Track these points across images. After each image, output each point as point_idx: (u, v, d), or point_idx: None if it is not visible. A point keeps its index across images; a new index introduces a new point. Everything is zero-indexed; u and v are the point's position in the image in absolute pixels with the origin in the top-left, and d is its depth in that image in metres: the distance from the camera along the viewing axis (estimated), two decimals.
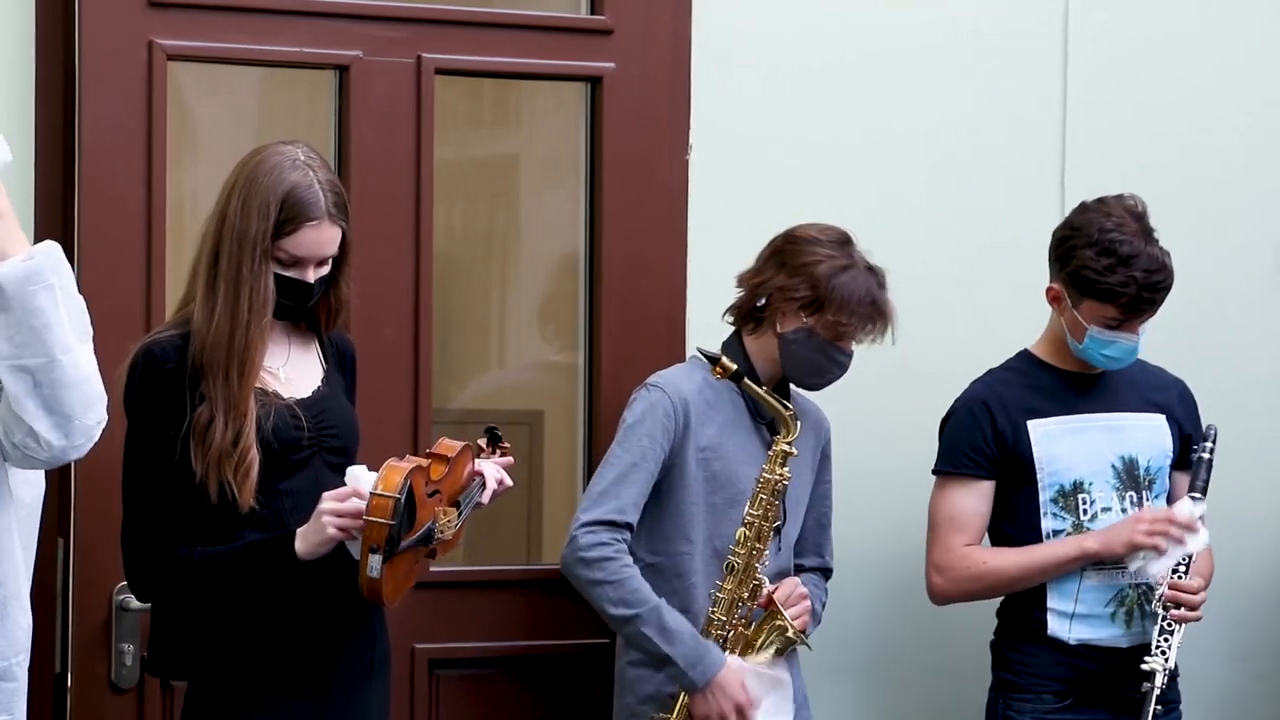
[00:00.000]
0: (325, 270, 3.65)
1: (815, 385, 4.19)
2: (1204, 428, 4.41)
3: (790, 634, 4.07)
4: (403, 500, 3.45)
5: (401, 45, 4.33)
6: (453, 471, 3.64)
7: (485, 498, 3.73)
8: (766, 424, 4.16)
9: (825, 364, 4.13)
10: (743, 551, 4.04)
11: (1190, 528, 4.23)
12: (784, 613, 4.05)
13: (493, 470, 3.75)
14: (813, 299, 4.09)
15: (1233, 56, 5.00)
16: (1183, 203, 4.53)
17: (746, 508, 4.06)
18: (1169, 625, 4.26)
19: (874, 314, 4.11)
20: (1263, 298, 5.03)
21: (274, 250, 3.57)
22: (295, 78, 4.55)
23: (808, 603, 4.14)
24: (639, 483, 4.05)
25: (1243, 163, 5.01)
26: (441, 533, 3.59)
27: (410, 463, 3.53)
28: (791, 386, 4.22)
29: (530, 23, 4.50)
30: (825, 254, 4.10)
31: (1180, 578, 4.27)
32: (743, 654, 4.05)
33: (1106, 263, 4.23)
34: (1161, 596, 4.26)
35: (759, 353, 4.16)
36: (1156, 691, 4.22)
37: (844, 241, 4.15)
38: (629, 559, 4.02)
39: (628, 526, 4.04)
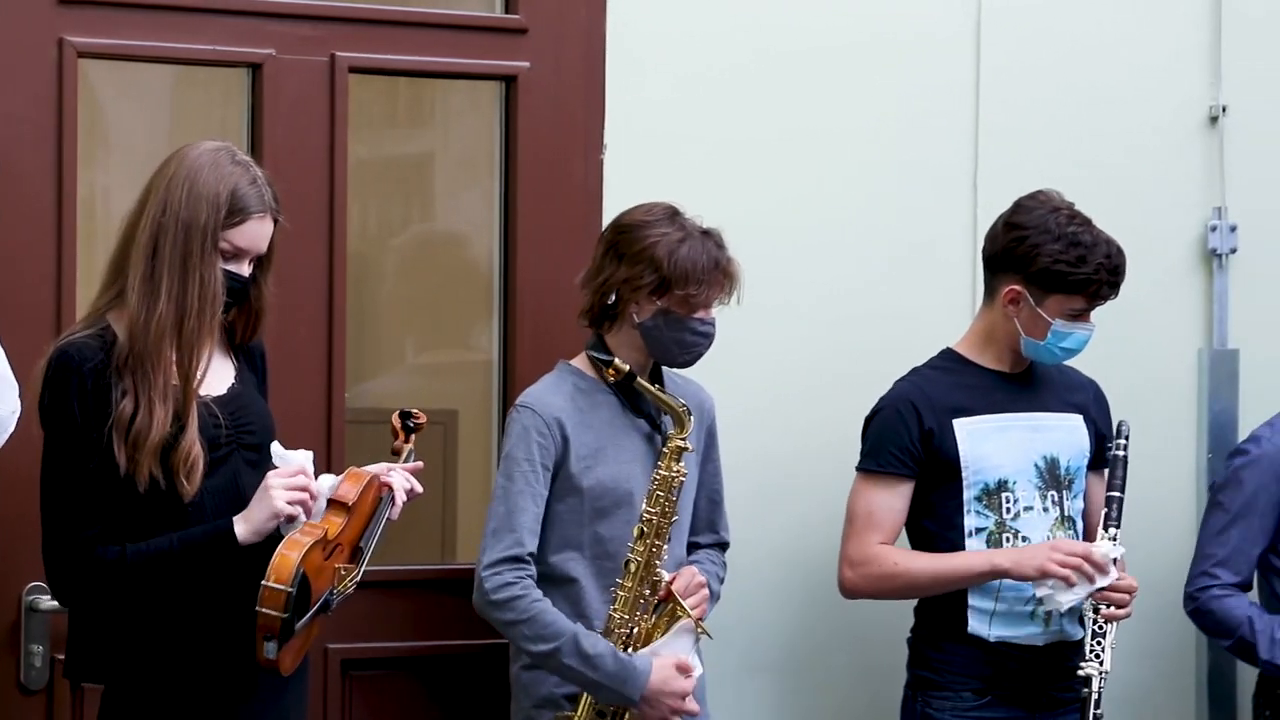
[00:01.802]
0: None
1: (687, 362, 4.18)
2: (1117, 424, 4.45)
3: (696, 627, 4.08)
4: (294, 593, 3.48)
5: (315, 43, 4.31)
6: (355, 515, 3.64)
7: (395, 514, 3.73)
8: (644, 417, 4.16)
9: (690, 339, 4.12)
10: (641, 549, 4.04)
11: (1102, 569, 4.25)
12: (683, 604, 4.06)
13: (400, 481, 3.73)
14: (659, 281, 4.08)
15: (1145, 58, 5.05)
16: (1094, 204, 4.55)
17: (644, 504, 4.06)
18: (1100, 628, 4.29)
19: (720, 276, 4.11)
20: (1172, 299, 5.08)
21: (220, 240, 3.58)
22: (208, 76, 4.53)
23: (705, 591, 4.14)
24: (529, 509, 4.06)
25: (1154, 164, 5.05)
26: (342, 593, 3.62)
27: (307, 538, 3.53)
28: (665, 371, 4.23)
29: (445, 21, 4.49)
30: (658, 233, 4.10)
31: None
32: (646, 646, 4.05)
33: (1076, 254, 4.27)
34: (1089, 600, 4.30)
35: (623, 348, 4.15)
36: (1095, 695, 4.25)
37: (672, 215, 4.14)
38: (536, 592, 4.03)
39: (530, 557, 4.05)
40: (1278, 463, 4.57)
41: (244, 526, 3.54)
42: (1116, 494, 4.38)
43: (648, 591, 4.05)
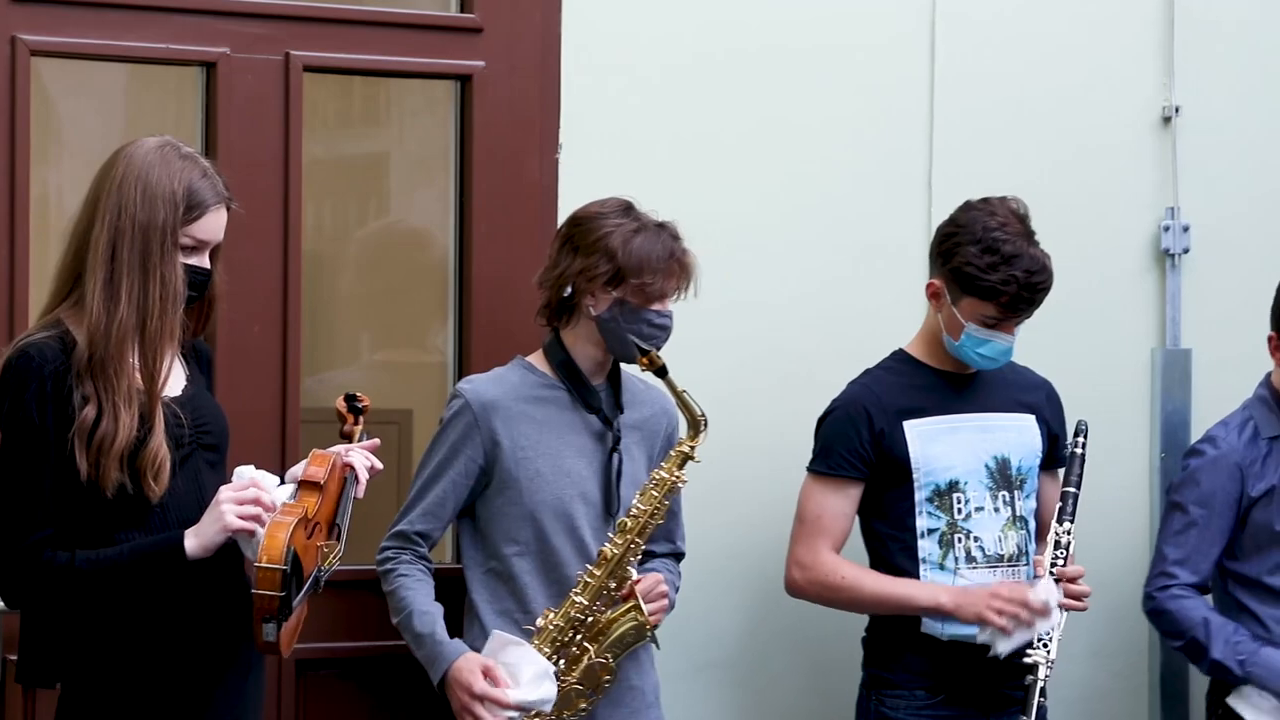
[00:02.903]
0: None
1: (651, 352, 4.17)
2: (1076, 423, 4.47)
3: (645, 628, 4.08)
4: (289, 570, 3.48)
5: (269, 42, 4.30)
6: (326, 494, 3.64)
7: (359, 491, 3.73)
8: (595, 413, 4.16)
9: (647, 331, 4.12)
10: (620, 542, 4.05)
11: (1043, 613, 4.26)
12: (643, 607, 4.07)
13: (361, 460, 3.74)
14: (614, 271, 4.08)
15: (1099, 60, 5.07)
16: (1048, 205, 4.58)
17: (635, 499, 4.07)
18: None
19: (675, 267, 4.11)
20: (1126, 299, 5.10)
21: (179, 237, 3.57)
22: (162, 74, 4.51)
23: (665, 601, 4.15)
24: (434, 491, 4.12)
25: (1108, 165, 5.07)
26: (328, 569, 3.63)
27: (289, 517, 3.52)
28: (634, 376, 4.23)
29: (400, 20, 4.49)
30: (613, 224, 4.11)
31: (1062, 566, 4.32)
32: (593, 640, 4.05)
33: (989, 260, 4.27)
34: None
35: (580, 342, 4.16)
36: (1040, 684, 4.26)
37: (627, 208, 4.15)
38: (406, 568, 4.11)
39: (418, 535, 4.13)
40: (1234, 463, 4.58)
41: (194, 541, 3.52)
42: (1072, 490, 4.40)
43: (613, 584, 4.05)
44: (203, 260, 3.63)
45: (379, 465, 3.77)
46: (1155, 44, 5.10)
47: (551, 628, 4.04)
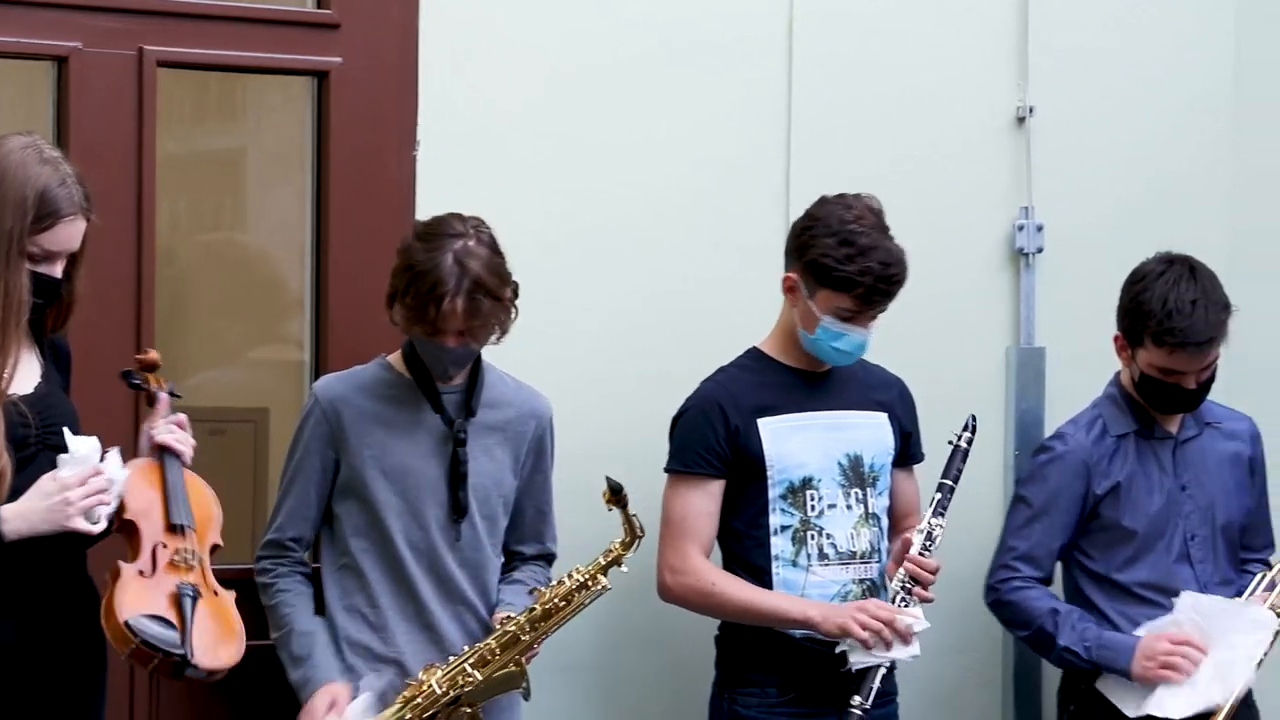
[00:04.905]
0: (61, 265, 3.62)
1: (445, 379, 4.15)
2: (969, 417, 4.52)
3: (519, 679, 4.08)
4: (142, 641, 3.55)
5: (122, 37, 4.27)
6: (147, 519, 3.67)
7: (187, 458, 3.79)
8: (440, 413, 4.15)
9: (436, 358, 4.09)
10: (523, 620, 4.05)
11: (904, 638, 4.29)
12: (523, 664, 4.09)
13: (170, 439, 3.74)
14: (396, 293, 4.05)
15: (955, 59, 5.11)
16: (905, 204, 4.61)
17: (554, 591, 4.07)
18: (904, 603, 4.33)
19: (445, 294, 3.95)
20: (981, 297, 5.15)
21: (27, 246, 3.52)
22: (12, 69, 4.46)
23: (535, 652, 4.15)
24: (295, 494, 4.14)
25: (964, 164, 5.11)
26: (192, 582, 3.67)
27: (117, 593, 3.57)
28: (503, 376, 4.23)
29: (256, 16, 4.46)
30: (412, 246, 4.04)
31: (924, 554, 4.36)
32: (478, 665, 4.04)
33: (845, 252, 4.30)
34: (899, 577, 4.35)
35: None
36: (883, 671, 4.30)
37: (434, 234, 4.03)
38: (285, 581, 4.13)
39: (292, 541, 4.15)
40: (1080, 459, 4.64)
41: (20, 523, 3.49)
42: (950, 482, 4.45)
43: (499, 651, 4.06)
44: (53, 269, 3.58)
45: (187, 430, 3.81)
46: (1009, 45, 5.15)
47: (428, 691, 4.02)
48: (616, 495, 4.01)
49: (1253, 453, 4.78)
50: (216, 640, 3.64)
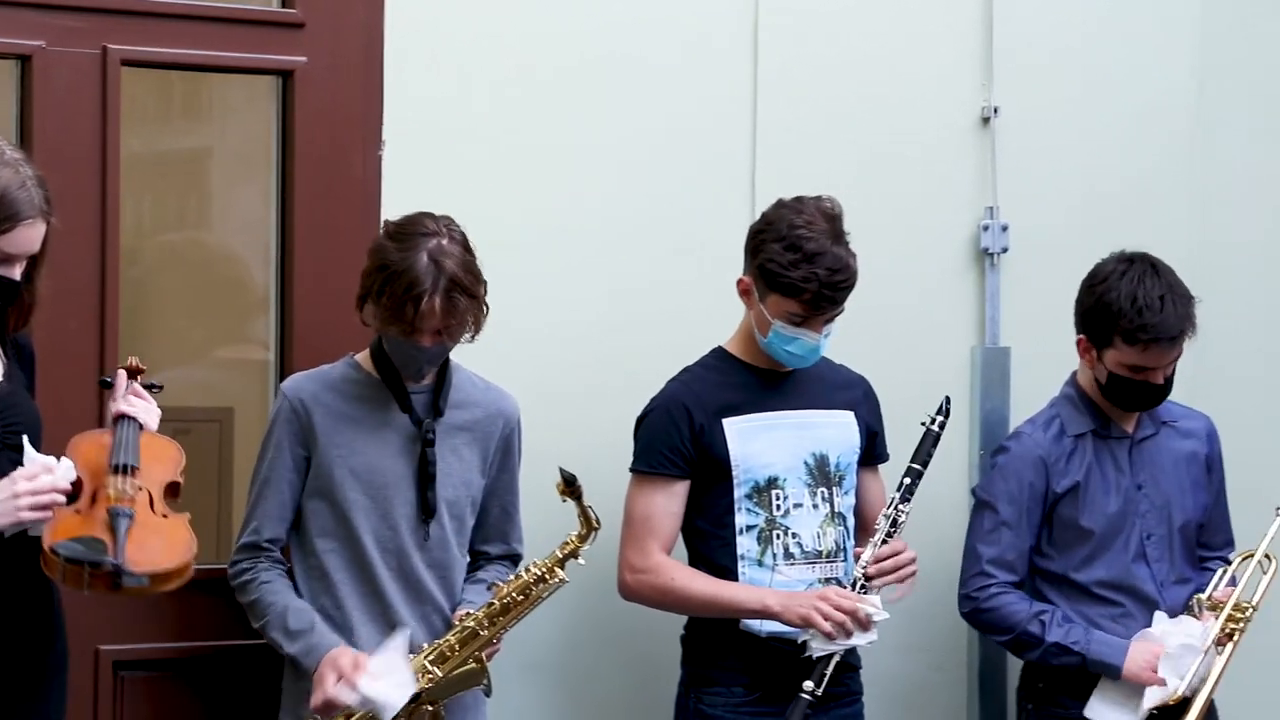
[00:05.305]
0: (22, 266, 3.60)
1: (418, 379, 4.15)
2: (943, 399, 4.53)
3: (480, 676, 4.07)
4: (71, 556, 3.48)
5: (86, 35, 4.26)
6: (91, 473, 3.64)
7: (152, 425, 3.79)
8: (408, 413, 4.14)
9: (411, 357, 4.09)
10: (481, 616, 4.05)
11: (865, 627, 4.29)
12: (485, 660, 4.07)
13: (124, 405, 3.75)
14: (369, 293, 4.05)
15: (920, 61, 5.12)
16: (870, 205, 4.62)
17: (509, 587, 4.06)
18: (864, 590, 4.33)
19: (423, 293, 3.96)
20: (946, 297, 5.16)
21: None
22: None
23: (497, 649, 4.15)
24: (271, 495, 4.12)
25: (929, 165, 5.12)
26: (128, 510, 3.61)
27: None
28: (471, 376, 4.22)
29: (221, 15, 4.45)
30: (384, 246, 4.03)
31: (888, 540, 4.39)
32: (438, 662, 4.04)
33: (791, 258, 4.30)
34: (861, 563, 4.36)
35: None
36: (834, 660, 4.29)
37: (407, 234, 4.02)
38: (266, 575, 4.10)
39: (269, 542, 4.12)
40: (1038, 457, 4.64)
41: None
42: (919, 467, 4.46)
43: (456, 644, 4.05)
44: (12, 271, 3.57)
45: (149, 402, 3.82)
46: (974, 46, 5.16)
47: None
48: (570, 486, 4.01)
49: (1209, 451, 4.79)
50: (158, 549, 3.59)
